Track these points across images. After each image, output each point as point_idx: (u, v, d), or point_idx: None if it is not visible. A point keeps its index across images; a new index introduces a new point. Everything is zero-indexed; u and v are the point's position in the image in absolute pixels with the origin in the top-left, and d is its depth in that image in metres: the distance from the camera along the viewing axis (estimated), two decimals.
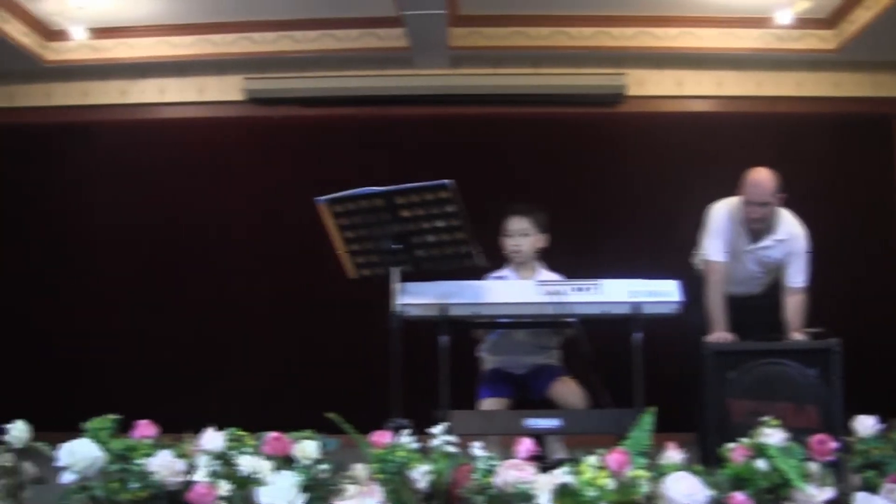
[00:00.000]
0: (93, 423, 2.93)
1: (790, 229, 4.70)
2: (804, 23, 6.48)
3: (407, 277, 3.72)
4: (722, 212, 4.78)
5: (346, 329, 6.72)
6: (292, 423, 3.05)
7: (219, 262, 6.95)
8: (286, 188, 6.83)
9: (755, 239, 4.70)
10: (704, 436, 3.91)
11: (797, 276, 4.66)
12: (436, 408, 3.66)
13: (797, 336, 4.37)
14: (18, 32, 6.39)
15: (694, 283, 4.57)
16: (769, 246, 4.69)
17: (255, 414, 6.16)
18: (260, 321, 6.91)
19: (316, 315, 6.79)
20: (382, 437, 2.86)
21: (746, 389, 3.95)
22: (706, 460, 3.10)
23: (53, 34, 6.69)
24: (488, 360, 4.41)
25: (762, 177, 4.64)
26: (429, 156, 6.76)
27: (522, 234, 4.31)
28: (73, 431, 2.92)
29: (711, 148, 6.85)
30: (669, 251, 6.43)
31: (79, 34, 6.39)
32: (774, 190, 4.62)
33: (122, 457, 2.84)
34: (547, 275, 4.32)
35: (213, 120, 7.03)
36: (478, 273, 4.03)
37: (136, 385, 6.64)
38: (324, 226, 3.69)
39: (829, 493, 2.76)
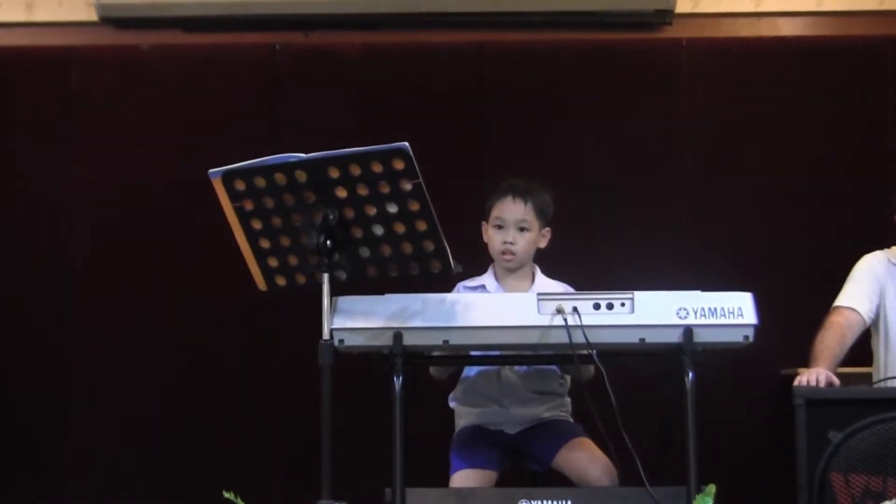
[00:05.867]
0: None
1: None
2: None
3: (344, 289, 3.72)
4: (872, 259, 4.81)
5: (256, 364, 6.73)
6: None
7: (54, 255, 6.90)
8: (161, 152, 6.82)
9: None
10: None
11: None
12: (386, 484, 3.68)
13: None
14: None
15: None
16: None
17: (119, 486, 6.25)
18: (117, 344, 6.81)
19: (210, 339, 6.76)
20: None
21: (858, 458, 3.95)
22: None
23: None
24: (463, 412, 4.41)
25: None
26: (378, 106, 6.77)
27: (520, 228, 4.32)
28: None
29: (807, 89, 6.86)
30: (739, 246, 6.53)
31: None
32: None
33: None
34: (548, 284, 4.34)
35: (50, 50, 7.00)
36: (446, 282, 4.04)
37: None
38: (220, 210, 3.68)
39: None
